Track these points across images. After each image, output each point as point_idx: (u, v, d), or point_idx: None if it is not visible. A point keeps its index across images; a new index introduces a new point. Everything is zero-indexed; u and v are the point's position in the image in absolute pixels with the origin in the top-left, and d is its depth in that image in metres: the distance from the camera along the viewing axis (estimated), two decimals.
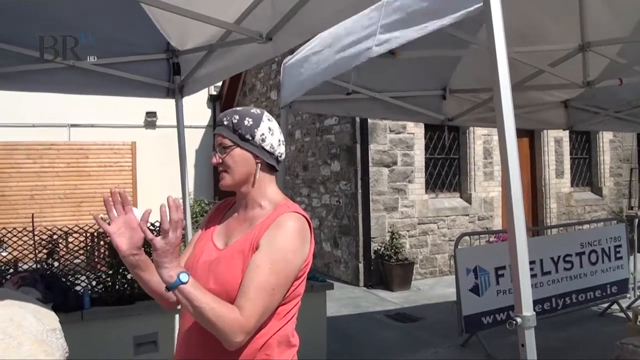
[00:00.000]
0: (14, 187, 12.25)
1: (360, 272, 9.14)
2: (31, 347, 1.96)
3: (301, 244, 1.81)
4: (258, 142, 1.87)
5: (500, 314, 5.73)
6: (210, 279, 1.79)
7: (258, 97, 13.26)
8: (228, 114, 1.89)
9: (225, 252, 1.85)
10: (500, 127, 1.99)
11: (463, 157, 10.28)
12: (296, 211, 1.86)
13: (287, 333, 1.86)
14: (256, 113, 1.90)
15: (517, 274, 1.89)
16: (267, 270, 1.72)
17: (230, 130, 1.86)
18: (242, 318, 1.66)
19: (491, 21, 1.97)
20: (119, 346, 4.50)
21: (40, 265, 4.72)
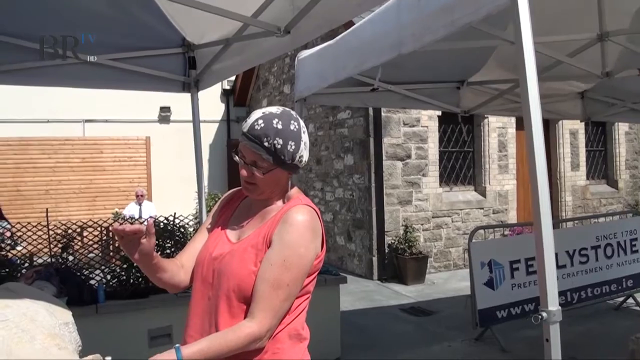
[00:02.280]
0: (29, 183, 12.34)
1: (374, 265, 9.14)
2: (44, 341, 1.98)
3: (313, 237, 1.81)
4: (296, 164, 1.85)
5: (515, 308, 5.70)
6: (224, 273, 1.81)
7: (271, 92, 13.26)
8: (270, 134, 1.77)
9: (239, 246, 1.85)
10: (527, 120, 1.98)
11: (477, 150, 10.22)
12: (307, 204, 1.86)
13: (297, 327, 1.87)
14: (295, 130, 1.82)
15: (543, 268, 1.87)
16: (280, 268, 1.74)
17: (271, 153, 1.78)
18: (255, 327, 1.70)
19: (518, 15, 1.95)
20: (133, 339, 4.52)
21: (55, 259, 4.75)
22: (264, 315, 1.71)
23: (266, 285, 1.73)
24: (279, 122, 1.79)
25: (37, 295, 2.25)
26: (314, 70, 4.29)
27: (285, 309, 1.77)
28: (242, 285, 1.76)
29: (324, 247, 1.89)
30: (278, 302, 1.74)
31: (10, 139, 12.20)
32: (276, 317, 1.75)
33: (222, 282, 1.80)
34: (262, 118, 1.79)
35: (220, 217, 2.03)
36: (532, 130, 1.95)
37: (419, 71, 4.79)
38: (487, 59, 4.70)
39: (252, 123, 1.79)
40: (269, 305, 1.72)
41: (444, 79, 5.15)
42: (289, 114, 1.84)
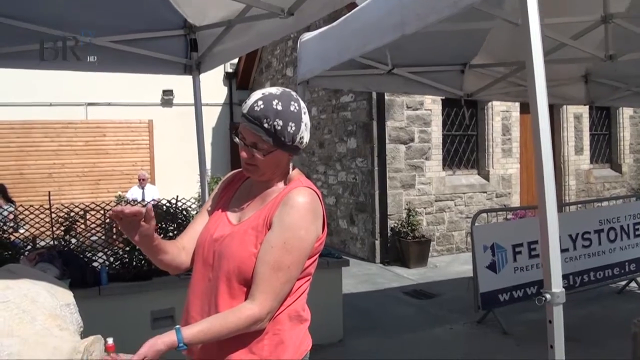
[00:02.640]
0: (33, 166, 12.35)
1: (377, 249, 9.15)
2: (45, 322, 1.98)
3: (313, 219, 1.81)
4: (297, 145, 1.82)
5: (517, 291, 5.71)
6: (224, 255, 1.81)
7: (274, 75, 13.20)
8: (270, 115, 1.74)
9: (239, 228, 1.85)
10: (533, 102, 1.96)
11: (481, 134, 10.18)
12: (307, 186, 1.85)
13: (298, 308, 1.87)
14: (295, 111, 1.78)
15: (547, 250, 1.87)
16: (280, 250, 1.73)
17: (271, 135, 1.76)
18: (256, 309, 1.71)
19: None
20: (136, 321, 4.54)
21: (58, 242, 4.76)
22: (264, 298, 1.71)
23: (267, 267, 1.72)
24: (279, 103, 1.76)
25: (39, 277, 2.25)
26: (316, 52, 4.26)
27: (286, 291, 1.77)
28: (242, 267, 1.76)
29: (325, 229, 1.88)
30: (279, 285, 1.73)
31: (13, 122, 12.19)
32: (277, 300, 1.75)
33: (222, 264, 1.80)
34: (261, 99, 1.76)
35: (221, 198, 2.02)
36: (537, 113, 1.94)
37: (422, 53, 4.75)
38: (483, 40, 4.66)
39: (252, 104, 1.76)
40: (269, 288, 1.72)
41: (447, 61, 5.12)
42: (289, 95, 1.80)
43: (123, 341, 2.39)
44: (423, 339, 5.51)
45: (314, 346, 5.32)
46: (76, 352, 1.89)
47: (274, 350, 1.80)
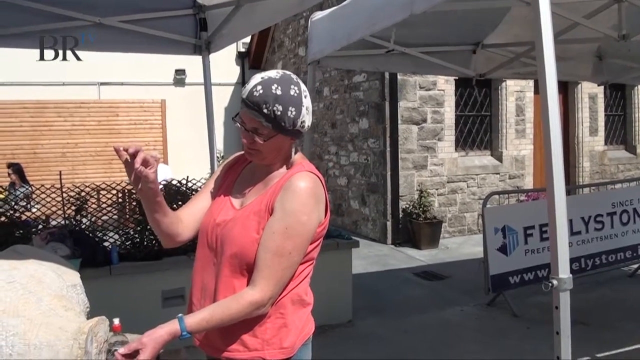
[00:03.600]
0: (46, 145, 12.42)
1: (388, 230, 9.13)
2: (50, 302, 1.99)
3: (315, 204, 1.79)
4: (298, 129, 1.79)
5: (528, 274, 5.67)
6: (226, 239, 1.80)
7: (286, 54, 13.13)
8: (269, 100, 1.70)
9: (242, 213, 1.83)
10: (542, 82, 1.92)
11: (495, 114, 10.07)
12: (310, 170, 1.82)
13: (300, 292, 1.86)
14: (296, 95, 1.75)
15: (555, 235, 1.85)
16: (282, 236, 1.72)
17: (271, 120, 1.73)
18: (257, 294, 1.70)
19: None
20: (147, 300, 4.58)
21: (69, 221, 4.79)
22: (266, 283, 1.71)
23: (268, 253, 1.72)
24: (278, 87, 1.72)
25: (45, 258, 2.26)
26: (326, 32, 4.22)
27: (288, 277, 1.77)
28: (243, 253, 1.75)
29: (328, 214, 1.86)
30: (280, 270, 1.73)
31: (26, 102, 12.24)
32: (278, 285, 1.74)
33: (225, 249, 1.79)
34: (260, 84, 1.72)
35: (224, 181, 2.00)
36: (546, 93, 1.90)
37: (432, 33, 4.68)
38: (500, 19, 4.58)
39: (251, 89, 1.72)
40: (271, 273, 1.72)
41: (458, 41, 5.05)
42: (288, 78, 1.77)
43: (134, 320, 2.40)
44: (432, 320, 5.51)
45: (322, 326, 5.38)
46: (81, 332, 1.90)
47: (277, 333, 1.80)
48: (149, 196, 1.79)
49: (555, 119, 1.88)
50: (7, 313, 1.87)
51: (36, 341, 1.87)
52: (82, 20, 4.05)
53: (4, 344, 1.83)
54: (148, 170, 1.69)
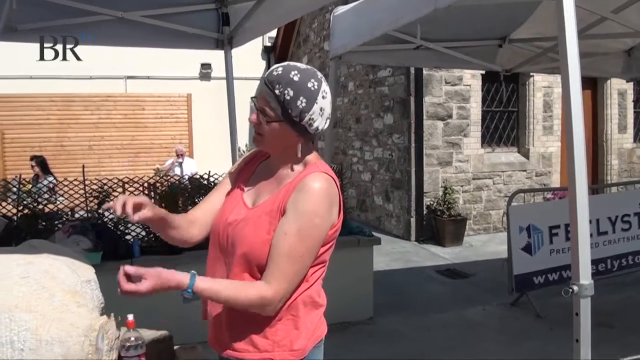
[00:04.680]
0: (73, 138, 12.58)
1: (412, 226, 9.05)
2: (63, 298, 1.98)
3: (328, 206, 1.74)
4: (304, 125, 1.73)
5: (553, 274, 5.57)
6: (237, 239, 1.77)
7: (312, 48, 13.09)
8: (283, 82, 1.68)
9: (253, 213, 1.80)
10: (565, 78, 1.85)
11: (522, 110, 9.90)
12: (324, 171, 1.77)
13: (312, 294, 1.82)
14: (312, 89, 1.70)
15: (577, 240, 1.78)
16: (294, 237, 1.68)
17: (279, 103, 1.69)
18: (270, 292, 1.67)
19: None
20: (167, 294, 4.56)
21: (91, 214, 4.83)
22: (278, 284, 1.68)
23: (280, 254, 1.68)
24: (298, 74, 1.69)
25: (61, 252, 2.26)
26: (349, 26, 4.17)
27: (299, 279, 1.73)
28: (254, 253, 1.72)
29: (341, 216, 1.81)
30: (292, 272, 1.70)
31: (54, 95, 12.41)
32: (289, 287, 1.71)
33: (235, 248, 1.76)
34: (283, 66, 1.72)
35: (239, 178, 1.97)
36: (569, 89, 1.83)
37: (458, 28, 4.60)
38: (529, 14, 4.48)
39: (272, 69, 1.72)
40: (282, 275, 1.68)
41: (485, 36, 4.95)
42: (312, 73, 1.74)
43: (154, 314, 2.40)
44: (454, 319, 5.44)
45: (343, 323, 5.35)
46: (92, 329, 1.90)
47: (287, 335, 1.77)
48: (156, 225, 1.84)
49: (578, 118, 1.81)
50: (19, 308, 1.88)
51: (48, 337, 1.87)
52: (104, 15, 4.07)
53: (16, 339, 1.83)
54: (144, 212, 1.73)
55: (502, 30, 4.92)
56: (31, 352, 1.83)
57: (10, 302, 1.88)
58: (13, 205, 4.66)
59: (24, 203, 4.62)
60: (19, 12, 3.60)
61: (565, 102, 1.85)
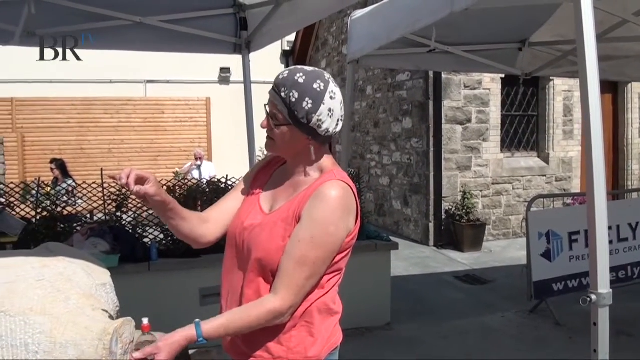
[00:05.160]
0: (93, 141, 12.72)
1: (431, 231, 9.00)
2: (78, 301, 1.99)
3: (344, 215, 1.71)
4: (313, 127, 1.71)
5: (572, 281, 5.50)
6: (253, 245, 1.76)
7: (330, 52, 13.09)
8: (288, 85, 1.68)
9: (270, 219, 1.79)
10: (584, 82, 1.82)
11: (542, 115, 9.80)
12: (341, 179, 1.75)
13: (327, 301, 1.80)
14: (319, 90, 1.68)
15: (595, 247, 1.74)
16: (307, 245, 1.66)
17: (286, 106, 1.68)
18: (277, 303, 1.66)
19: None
20: (185, 297, 4.61)
21: (110, 217, 4.86)
22: (286, 292, 1.66)
23: (291, 261, 1.67)
24: (303, 76, 1.69)
25: (76, 255, 2.27)
26: (366, 30, 4.16)
27: (310, 287, 1.71)
28: (269, 259, 1.71)
29: (358, 223, 1.79)
30: (302, 280, 1.67)
31: (74, 99, 12.56)
32: (299, 295, 1.69)
33: (251, 253, 1.75)
34: (289, 69, 1.72)
35: (255, 182, 1.96)
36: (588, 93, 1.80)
37: (476, 31, 4.57)
38: (549, 16, 4.43)
39: (279, 74, 1.73)
40: (292, 282, 1.67)
41: (504, 39, 4.90)
42: (319, 74, 1.72)
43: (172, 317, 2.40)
44: (472, 326, 5.38)
45: (360, 329, 5.32)
46: (106, 333, 1.90)
47: (302, 342, 1.75)
48: (161, 208, 1.78)
49: (597, 122, 1.78)
50: (34, 311, 1.88)
51: (62, 340, 1.87)
52: (123, 20, 4.10)
53: (30, 341, 1.84)
54: (146, 186, 1.69)
55: (522, 33, 4.87)
56: (45, 355, 1.83)
57: (25, 305, 1.88)
58: (31, 208, 4.71)
59: (42, 205, 4.66)
60: (37, 18, 3.65)
61: (584, 106, 1.81)
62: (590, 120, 1.79)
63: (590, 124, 1.79)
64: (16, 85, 12.28)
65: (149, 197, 1.71)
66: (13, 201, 4.74)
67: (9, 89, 12.26)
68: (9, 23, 3.77)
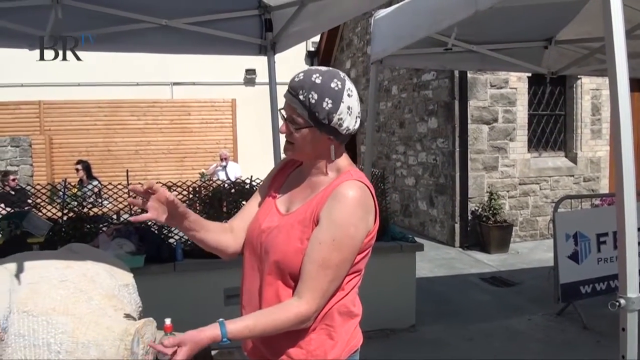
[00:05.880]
0: (120, 143, 12.88)
1: (456, 232, 8.92)
2: (100, 302, 2.00)
3: (363, 215, 1.70)
4: (335, 126, 1.70)
5: (600, 284, 5.39)
6: (270, 247, 1.75)
7: (355, 52, 13.07)
8: (306, 87, 1.66)
9: (287, 220, 1.78)
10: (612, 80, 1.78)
11: (569, 114, 9.64)
12: (358, 179, 1.73)
13: (347, 303, 1.79)
14: (337, 89, 1.68)
15: (624, 249, 1.69)
16: (329, 247, 1.65)
17: (306, 108, 1.67)
18: (303, 307, 1.65)
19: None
20: (209, 297, 4.62)
21: None
22: (311, 296, 1.65)
23: (314, 265, 1.65)
24: (319, 77, 1.68)
25: (100, 257, 2.29)
26: (390, 30, 4.13)
27: (334, 289, 1.70)
28: (286, 261, 1.70)
29: (377, 223, 1.77)
30: (326, 282, 1.66)
31: (101, 101, 12.73)
32: (324, 297, 1.68)
33: (269, 256, 1.75)
34: (304, 72, 1.70)
35: (272, 185, 1.96)
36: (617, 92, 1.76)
37: (501, 29, 4.50)
38: (575, 14, 4.35)
39: (294, 76, 1.70)
40: (316, 285, 1.65)
41: (529, 37, 4.83)
42: (335, 73, 1.71)
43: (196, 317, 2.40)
44: (498, 329, 5.31)
45: (384, 330, 5.28)
46: (127, 333, 1.91)
47: (322, 345, 1.74)
48: (181, 219, 1.77)
49: (626, 120, 1.73)
50: (57, 311, 1.91)
51: (84, 339, 1.89)
52: (148, 22, 4.13)
53: (52, 341, 1.86)
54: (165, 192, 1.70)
55: (547, 31, 4.79)
56: (67, 355, 1.85)
57: (48, 305, 1.91)
58: (58, 209, 4.77)
59: (69, 206, 4.72)
60: (64, 21, 3.69)
61: (613, 104, 1.77)
62: (619, 118, 1.75)
63: (620, 123, 1.75)
64: (44, 88, 12.49)
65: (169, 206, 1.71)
66: (39, 202, 4.81)
67: (36, 92, 12.48)
68: (36, 27, 3.82)
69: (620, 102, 1.73)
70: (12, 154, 12.07)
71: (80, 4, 3.78)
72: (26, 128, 12.49)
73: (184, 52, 4.94)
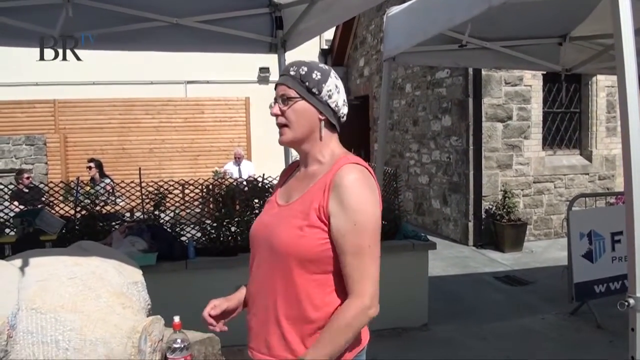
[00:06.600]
0: (134, 141, 12.94)
1: (470, 231, 8.87)
2: (109, 299, 2.01)
3: (372, 193, 1.71)
4: (324, 98, 1.77)
5: (614, 283, 5.34)
6: (272, 240, 1.75)
7: (368, 50, 13.04)
8: (295, 64, 1.80)
9: (286, 211, 1.79)
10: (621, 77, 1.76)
11: (584, 111, 9.56)
12: (354, 162, 1.75)
13: None
14: (324, 68, 1.80)
15: (633, 250, 1.67)
16: (354, 234, 1.65)
17: (297, 81, 1.76)
18: (359, 300, 1.65)
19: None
20: (221, 295, 4.60)
21: (148, 216, 4.93)
22: (361, 286, 1.65)
23: (350, 257, 1.66)
24: (307, 62, 1.82)
25: (109, 254, 2.30)
26: (403, 27, 4.11)
27: (376, 270, 1.69)
28: (290, 252, 1.70)
29: (380, 205, 1.77)
30: (369, 267, 1.66)
31: (115, 100, 12.80)
32: (374, 282, 1.67)
33: (272, 246, 1.75)
34: (293, 61, 1.84)
35: (277, 187, 2.00)
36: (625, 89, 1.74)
37: (515, 26, 4.46)
38: (590, 11, 4.30)
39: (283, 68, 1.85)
40: (362, 274, 1.66)
41: (543, 34, 4.78)
42: (321, 64, 1.85)
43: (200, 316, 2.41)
44: (512, 328, 5.27)
45: (396, 329, 5.26)
46: (135, 331, 1.92)
47: None
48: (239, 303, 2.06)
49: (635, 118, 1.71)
50: (65, 308, 1.92)
51: (92, 337, 1.90)
52: (159, 21, 4.14)
53: (60, 338, 1.87)
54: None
55: (562, 27, 4.74)
56: (75, 352, 1.86)
57: (57, 302, 1.92)
58: (70, 207, 4.81)
59: (81, 204, 4.75)
60: (75, 20, 3.71)
61: (621, 101, 1.75)
62: (628, 115, 1.72)
63: (628, 120, 1.73)
64: (58, 87, 12.58)
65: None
66: (53, 200, 4.85)
67: (51, 90, 12.56)
68: (47, 26, 3.84)
69: (629, 99, 1.71)
70: (27, 152, 12.17)
71: (91, 2, 3.80)
72: (41, 127, 12.57)
73: (194, 50, 4.94)
